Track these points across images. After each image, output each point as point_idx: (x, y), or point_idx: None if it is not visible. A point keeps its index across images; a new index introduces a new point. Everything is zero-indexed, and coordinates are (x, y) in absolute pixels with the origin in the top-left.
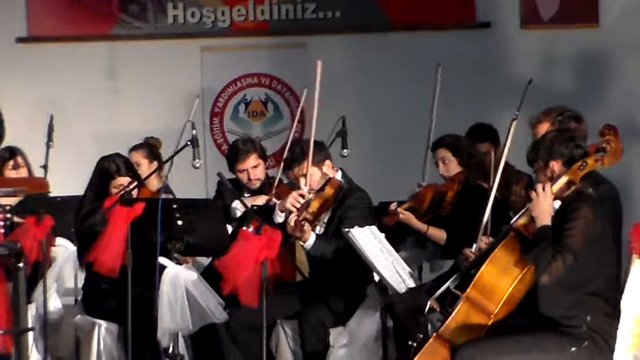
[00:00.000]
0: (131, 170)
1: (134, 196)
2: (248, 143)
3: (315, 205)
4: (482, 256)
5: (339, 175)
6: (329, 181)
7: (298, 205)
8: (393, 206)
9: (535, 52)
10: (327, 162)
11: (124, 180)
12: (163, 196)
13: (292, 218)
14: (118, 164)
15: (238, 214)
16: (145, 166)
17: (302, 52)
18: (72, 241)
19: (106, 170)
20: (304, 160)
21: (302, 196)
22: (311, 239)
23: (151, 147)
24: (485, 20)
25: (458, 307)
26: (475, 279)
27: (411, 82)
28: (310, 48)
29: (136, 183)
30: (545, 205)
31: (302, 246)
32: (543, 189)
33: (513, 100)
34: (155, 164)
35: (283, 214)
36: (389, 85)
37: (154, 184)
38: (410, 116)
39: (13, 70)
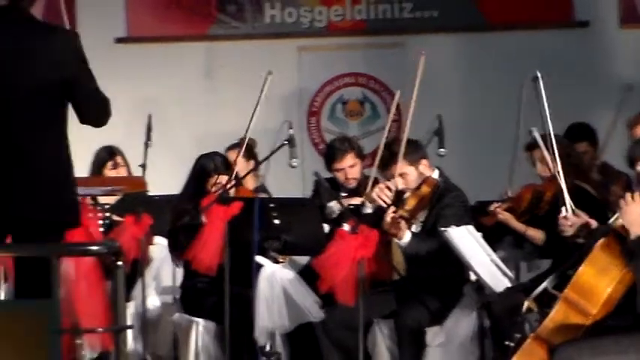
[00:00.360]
0: (229, 169)
1: (232, 195)
2: (345, 142)
3: (411, 203)
4: (580, 257)
5: (435, 174)
6: (426, 180)
7: (384, 197)
8: (492, 207)
9: (634, 52)
10: (424, 161)
11: (221, 178)
12: (260, 195)
13: (389, 214)
14: (216, 162)
15: (333, 214)
16: (241, 165)
17: (399, 52)
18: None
19: (204, 168)
20: (400, 159)
21: (389, 188)
22: (406, 237)
23: (247, 146)
24: (584, 19)
25: (556, 308)
26: (573, 279)
27: (508, 81)
28: (407, 47)
29: (233, 182)
30: (634, 214)
31: (398, 244)
32: (632, 197)
33: (611, 100)
34: (252, 163)
35: (370, 206)
36: (485, 85)
37: (250, 183)
38: (507, 116)
39: (112, 71)
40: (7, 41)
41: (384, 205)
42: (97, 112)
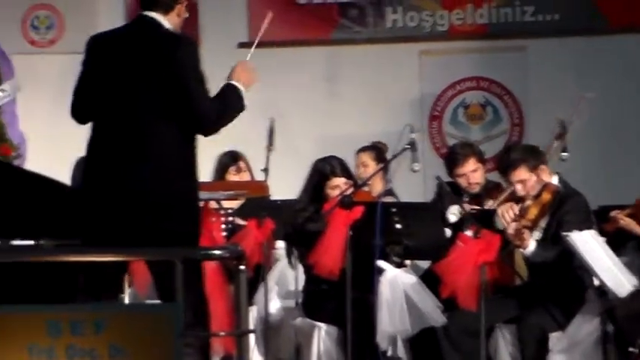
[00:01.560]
0: (346, 172)
1: (354, 200)
2: (467, 147)
3: (533, 212)
4: None
5: (555, 180)
6: (546, 186)
7: (508, 217)
8: (612, 213)
9: None
10: (543, 167)
11: (339, 181)
12: (387, 199)
13: (512, 226)
14: (333, 165)
15: (453, 219)
16: (371, 168)
17: (521, 56)
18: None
19: (320, 171)
20: (520, 165)
21: (513, 208)
22: (531, 246)
23: (378, 149)
24: None
25: None
26: None
27: (632, 85)
28: (529, 51)
29: (353, 186)
30: None
31: (522, 253)
32: None
33: None
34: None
35: (503, 221)
36: (608, 88)
37: (378, 186)
38: (631, 120)
39: None
40: (132, 47)
41: (508, 224)
42: (204, 118)
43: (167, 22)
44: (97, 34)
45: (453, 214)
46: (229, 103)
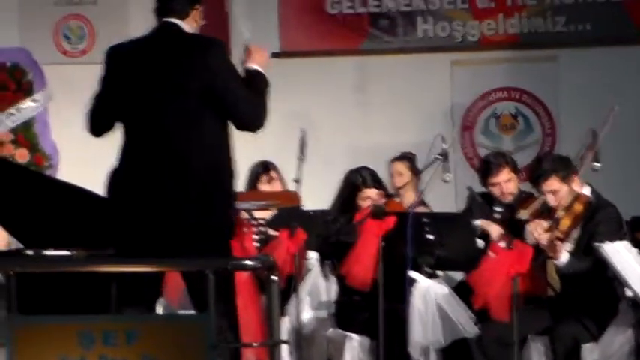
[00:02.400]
0: (378, 183)
1: (385, 210)
2: (500, 157)
3: (565, 224)
4: None
5: (587, 190)
6: (577, 197)
7: (537, 234)
8: None
9: None
10: (575, 177)
11: (370, 192)
12: (420, 209)
13: (544, 237)
14: (364, 177)
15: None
16: (406, 177)
17: (552, 66)
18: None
19: (352, 182)
20: (551, 176)
21: (547, 212)
22: (564, 257)
23: (411, 159)
24: None
25: None
26: None
27: None
28: (561, 61)
29: (385, 196)
30: None
31: (555, 264)
32: None
33: None
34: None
35: (533, 237)
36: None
37: (410, 197)
38: None
39: None
40: (157, 54)
41: (539, 241)
42: (249, 116)
43: (186, 27)
44: (116, 44)
45: (477, 227)
46: (261, 92)
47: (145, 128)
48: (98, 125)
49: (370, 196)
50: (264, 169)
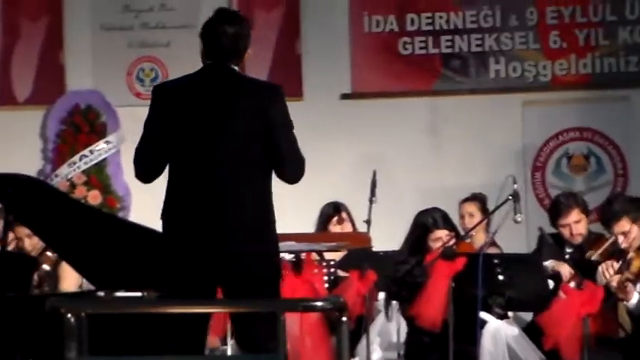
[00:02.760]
0: (449, 224)
1: (455, 251)
2: (570, 198)
3: (636, 265)
4: None
5: None
6: None
7: (607, 275)
8: None
9: None
10: None
11: (441, 233)
12: (491, 250)
13: (615, 279)
14: (435, 218)
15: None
16: (477, 218)
17: (624, 106)
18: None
19: (423, 224)
20: (622, 217)
21: (618, 254)
22: (634, 299)
23: (482, 200)
24: None
25: None
26: None
27: None
28: (633, 101)
29: (455, 237)
30: None
31: (625, 305)
32: None
33: None
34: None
35: (603, 278)
36: None
37: (481, 238)
38: None
39: (337, 127)
40: (214, 96)
41: (609, 282)
42: (294, 168)
43: (236, 68)
44: (164, 82)
45: (547, 267)
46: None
47: (197, 174)
48: (149, 169)
49: (441, 237)
50: (335, 210)
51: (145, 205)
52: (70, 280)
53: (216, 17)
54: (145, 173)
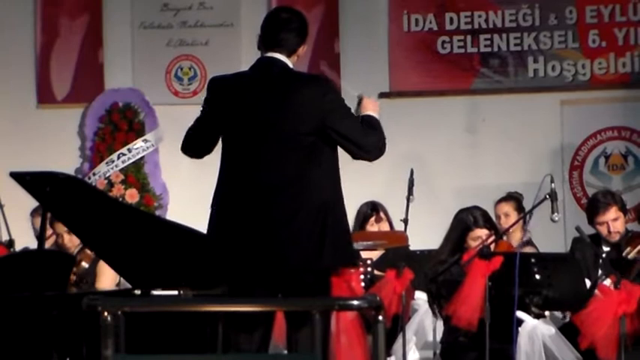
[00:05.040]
0: (489, 223)
1: (492, 250)
2: (608, 196)
3: None
4: None
5: None
6: None
7: None
8: None
9: None
10: None
11: (481, 232)
12: (527, 249)
13: None
14: (475, 216)
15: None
16: (513, 218)
17: None
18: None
19: (463, 222)
20: None
21: None
22: None
23: (517, 199)
24: None
25: None
26: None
27: None
28: None
29: (493, 237)
30: None
31: None
32: None
33: None
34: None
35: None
36: None
37: (517, 237)
38: None
39: None
40: (268, 91)
41: None
42: (365, 143)
43: (289, 63)
44: (219, 76)
45: None
46: (376, 125)
47: (250, 166)
48: (194, 148)
49: (480, 236)
50: (372, 209)
51: (182, 203)
52: (108, 277)
53: (275, 11)
54: (188, 149)
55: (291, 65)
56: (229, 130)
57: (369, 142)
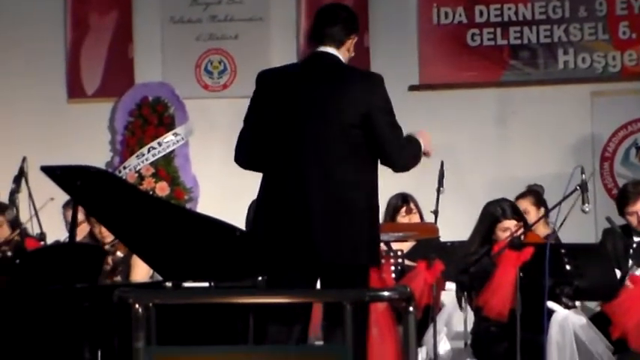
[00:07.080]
0: (517, 214)
1: (523, 241)
2: (638, 186)
3: None
4: None
5: None
6: None
7: None
8: None
9: None
10: None
11: (509, 224)
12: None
13: None
14: (504, 208)
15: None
16: (532, 214)
17: None
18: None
19: (491, 214)
20: None
21: None
22: None
23: (536, 192)
24: None
25: None
26: None
27: None
28: None
29: (522, 228)
30: None
31: None
32: None
33: None
34: (542, 210)
35: None
36: None
37: (541, 230)
38: None
39: (405, 118)
40: (317, 82)
41: None
42: (398, 153)
43: (340, 56)
44: (267, 70)
45: None
46: (415, 144)
47: (296, 160)
48: (244, 152)
49: (509, 227)
50: (402, 201)
51: (213, 196)
52: (142, 269)
53: (322, 7)
54: (242, 161)
55: (342, 59)
56: (276, 121)
57: (401, 155)
